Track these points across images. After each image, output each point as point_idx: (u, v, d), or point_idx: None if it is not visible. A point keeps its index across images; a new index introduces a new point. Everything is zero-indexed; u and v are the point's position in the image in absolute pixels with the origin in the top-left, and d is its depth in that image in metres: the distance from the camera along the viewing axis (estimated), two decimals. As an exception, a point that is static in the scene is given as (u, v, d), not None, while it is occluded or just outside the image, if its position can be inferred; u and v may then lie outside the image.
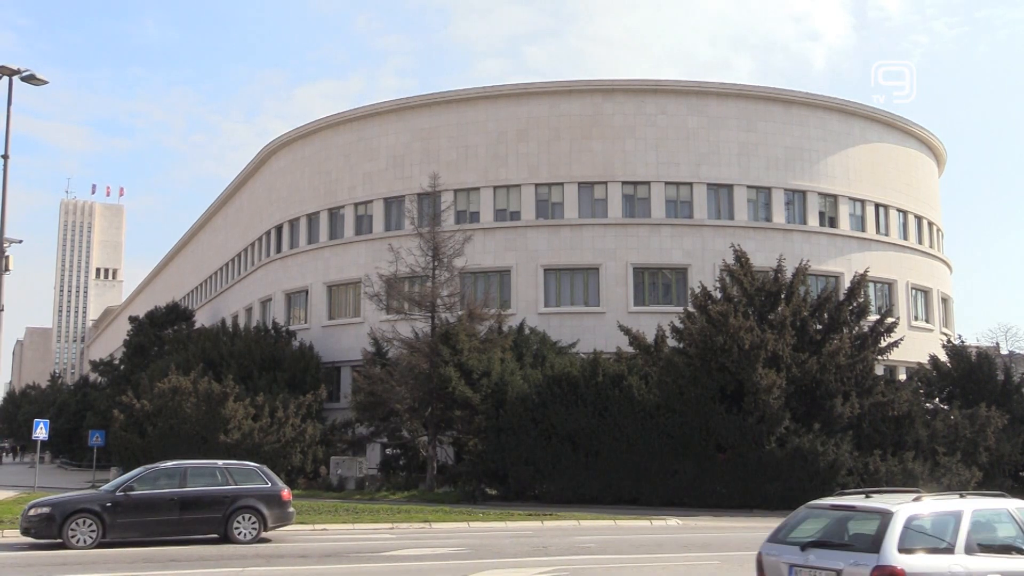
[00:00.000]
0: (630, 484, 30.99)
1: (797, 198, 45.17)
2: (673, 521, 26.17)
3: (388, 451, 40.32)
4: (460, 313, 35.82)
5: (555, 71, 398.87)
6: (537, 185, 44.28)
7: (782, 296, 32.82)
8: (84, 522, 19.12)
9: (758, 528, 24.83)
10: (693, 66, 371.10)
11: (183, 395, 37.72)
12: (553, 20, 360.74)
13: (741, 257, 33.84)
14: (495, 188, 44.77)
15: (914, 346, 41.40)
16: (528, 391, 32.60)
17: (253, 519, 20.15)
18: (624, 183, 43.72)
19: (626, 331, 34.35)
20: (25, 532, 19.50)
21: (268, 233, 54.54)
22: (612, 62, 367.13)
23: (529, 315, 41.73)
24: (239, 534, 19.95)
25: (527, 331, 39.48)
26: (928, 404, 35.38)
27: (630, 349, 34.36)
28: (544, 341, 38.96)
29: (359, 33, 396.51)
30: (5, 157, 28.57)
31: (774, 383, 29.37)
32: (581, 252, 43.22)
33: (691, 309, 33.22)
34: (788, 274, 33.49)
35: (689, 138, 43.98)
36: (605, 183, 43.67)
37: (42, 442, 38.78)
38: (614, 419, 31.11)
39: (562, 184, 43.95)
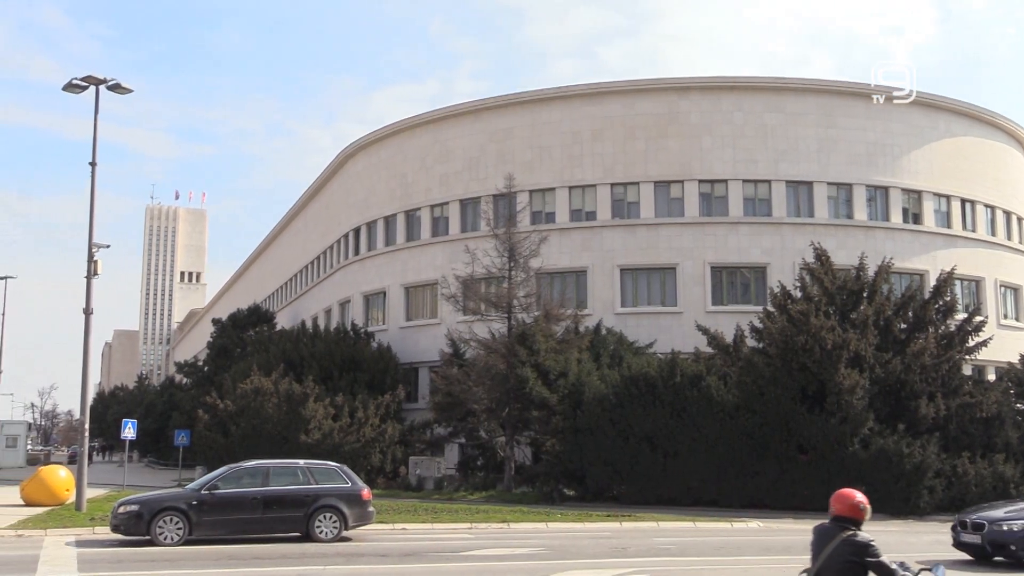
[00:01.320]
0: (709, 485, 30.66)
1: (879, 194, 44.20)
2: (754, 523, 25.82)
3: (466, 451, 40.50)
4: (536, 314, 35.84)
5: (630, 70, 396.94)
6: (613, 185, 44.06)
7: (864, 295, 32.19)
8: (171, 520, 19.56)
9: (842, 531, 24.36)
10: (771, 62, 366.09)
11: (265, 396, 38.38)
12: (627, 19, 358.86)
13: (821, 255, 33.30)
14: (570, 188, 44.67)
15: (1004, 345, 40.19)
16: (605, 391, 32.46)
17: (334, 518, 20.41)
18: (701, 181, 43.25)
19: (704, 331, 34.03)
20: (115, 529, 20.01)
21: (346, 236, 55.22)
22: (687, 60, 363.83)
23: (606, 315, 41.57)
24: (320, 533, 20.23)
25: (604, 331, 39.34)
26: (1019, 405, 34.30)
27: (708, 349, 34.03)
28: (621, 341, 38.76)
29: (434, 37, 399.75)
30: (93, 164, 29.35)
31: (857, 383, 28.82)
32: (658, 252, 42.89)
33: (770, 308, 32.79)
34: (870, 272, 32.85)
35: (767, 135, 43.35)
36: (681, 182, 43.26)
37: (130, 441, 39.71)
38: (692, 420, 30.84)
39: (638, 183, 43.67)
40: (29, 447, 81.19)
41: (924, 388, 30.47)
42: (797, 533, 23.98)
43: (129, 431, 36.87)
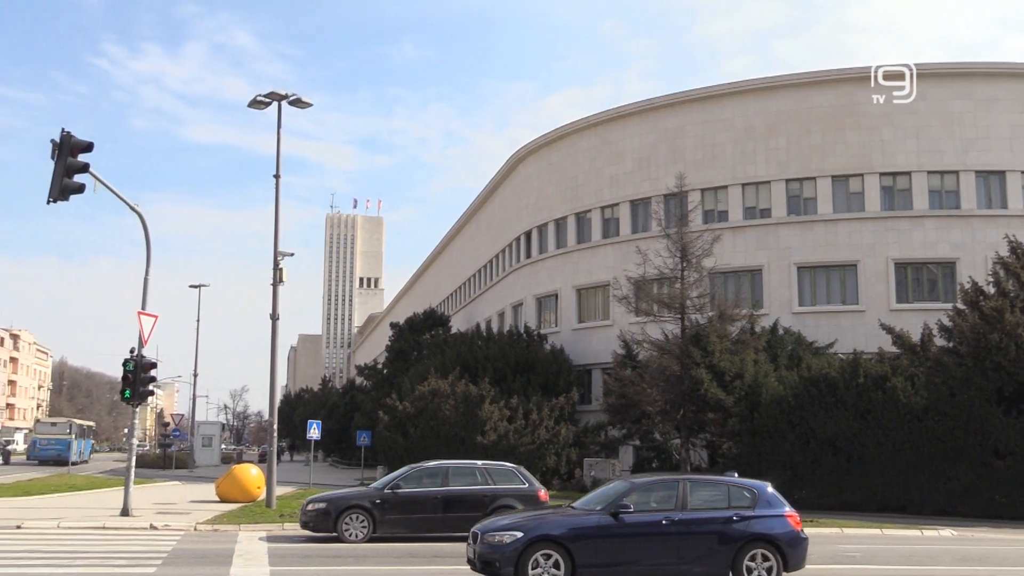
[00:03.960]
0: (897, 491, 29.42)
1: (1080, 182, 41.24)
2: (946, 531, 24.59)
3: (641, 453, 40.21)
4: (710, 314, 35.21)
5: (806, 64, 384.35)
6: (788, 181, 42.90)
7: (1066, 289, 30.16)
8: (356, 517, 20.22)
9: (1045, 541, 22.90)
10: (956, 48, 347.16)
11: (442, 397, 39.20)
12: (803, 12, 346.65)
13: (1017, 248, 31.42)
14: (743, 186, 43.77)
15: None
16: (784, 393, 31.64)
17: (511, 518, 20.61)
18: (882, 174, 41.54)
19: (888, 330, 32.70)
20: (304, 525, 20.87)
21: (518, 239, 55.82)
22: (867, 50, 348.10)
23: (783, 315, 40.48)
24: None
25: (781, 331, 38.33)
26: None
27: (893, 349, 32.66)
28: (799, 341, 37.68)
29: (605, 40, 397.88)
30: (277, 176, 30.69)
31: (1060, 384, 27.04)
32: (837, 248, 41.46)
33: (961, 305, 31.22)
34: (1072, 265, 30.73)
35: (954, 123, 41.17)
36: (861, 175, 41.68)
37: (315, 441, 41.32)
38: (877, 422, 29.68)
39: (814, 179, 42.35)
40: (223, 446, 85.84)
41: None
42: (994, 543, 22.72)
43: (314, 431, 38.31)
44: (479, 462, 22.95)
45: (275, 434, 31.25)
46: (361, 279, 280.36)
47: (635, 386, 34.53)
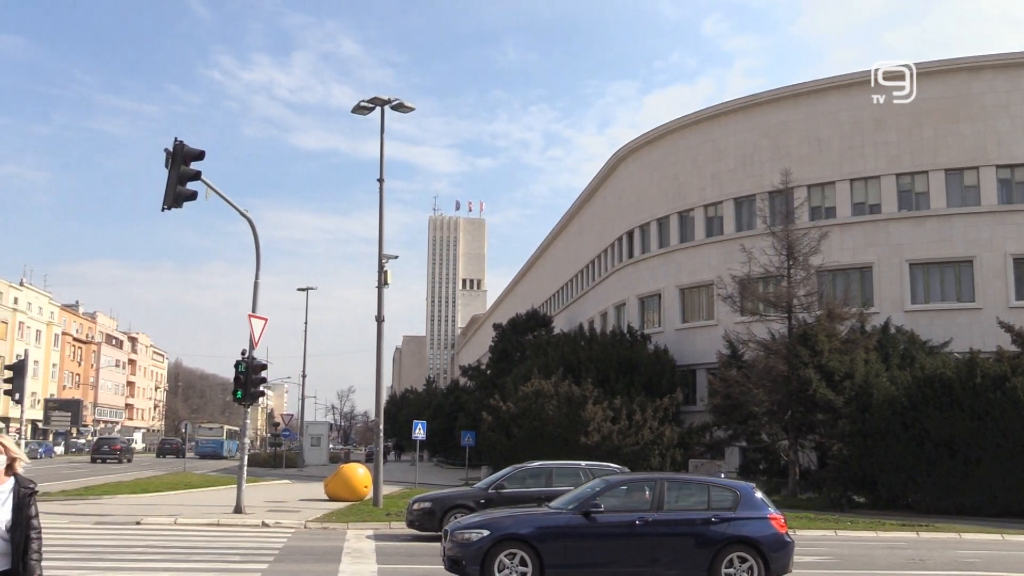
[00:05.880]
0: (1018, 495, 28.28)
1: None
2: (1072, 538, 23.54)
3: (747, 455, 39.61)
4: (818, 313, 34.52)
5: (917, 55, 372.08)
6: (898, 175, 41.70)
7: None
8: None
9: None
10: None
11: (545, 398, 39.24)
12: (914, 1, 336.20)
13: None
14: (851, 181, 42.72)
15: None
16: (896, 394, 30.74)
17: (616, 520, 20.50)
18: (999, 167, 40.05)
19: (1007, 328, 31.55)
20: (410, 524, 21.14)
21: (620, 239, 55.55)
22: (982, 39, 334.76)
23: (894, 313, 39.37)
24: (603, 534, 20.36)
25: (892, 330, 37.31)
26: None
27: (1013, 348, 31.45)
28: (912, 340, 36.61)
29: (707, 37, 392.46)
30: (380, 180, 31.14)
31: None
32: (951, 244, 40.14)
33: (1085, 302, 29.87)
34: None
35: (1075, 112, 39.47)
36: (976, 168, 40.25)
37: (420, 441, 41.79)
38: (996, 424, 28.58)
39: (926, 172, 41.09)
40: (331, 446, 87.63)
41: None
42: (1125, 550, 21.65)
43: (419, 432, 38.75)
44: (582, 463, 22.88)
45: (381, 434, 31.67)
46: (464, 281, 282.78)
47: (741, 386, 34.06)
